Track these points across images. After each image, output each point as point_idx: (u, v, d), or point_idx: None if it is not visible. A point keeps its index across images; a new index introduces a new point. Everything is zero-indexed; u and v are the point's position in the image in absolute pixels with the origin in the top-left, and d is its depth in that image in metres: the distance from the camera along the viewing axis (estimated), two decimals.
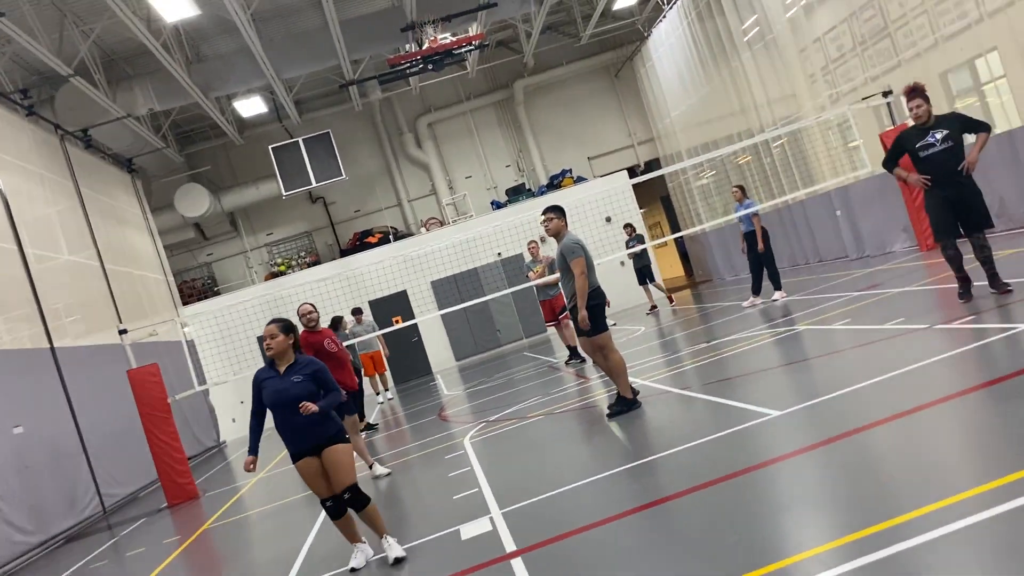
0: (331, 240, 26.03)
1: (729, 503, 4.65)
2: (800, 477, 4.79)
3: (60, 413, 13.29)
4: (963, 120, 8.02)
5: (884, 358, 6.96)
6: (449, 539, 5.67)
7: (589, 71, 26.97)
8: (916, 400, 5.44)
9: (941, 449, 4.50)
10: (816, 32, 16.70)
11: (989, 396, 5.14)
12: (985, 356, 6.09)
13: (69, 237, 16.24)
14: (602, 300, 8.02)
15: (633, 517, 4.96)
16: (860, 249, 16.49)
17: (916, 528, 3.50)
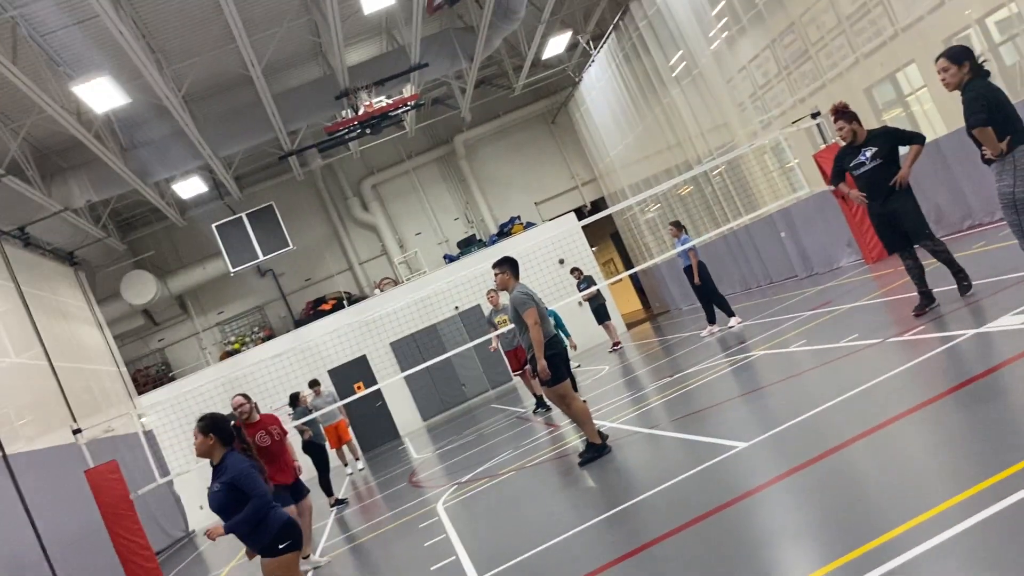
0: (284, 312, 25.74)
1: (712, 541, 4.60)
2: (777, 507, 4.76)
3: (18, 524, 12.76)
4: (895, 134, 8.08)
5: (843, 376, 7.01)
6: None
7: (526, 119, 27.34)
8: (880, 415, 5.47)
9: (913, 461, 4.52)
10: (740, 61, 17.17)
11: (950, 403, 5.19)
12: (939, 364, 6.17)
13: (14, 338, 15.81)
14: (559, 349, 8.03)
15: (618, 567, 4.88)
16: (808, 267, 16.78)
17: (902, 544, 3.48)
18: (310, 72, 20.47)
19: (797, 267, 17.16)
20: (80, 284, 21.12)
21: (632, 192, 24.11)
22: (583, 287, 18.76)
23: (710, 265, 21.33)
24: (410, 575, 7.12)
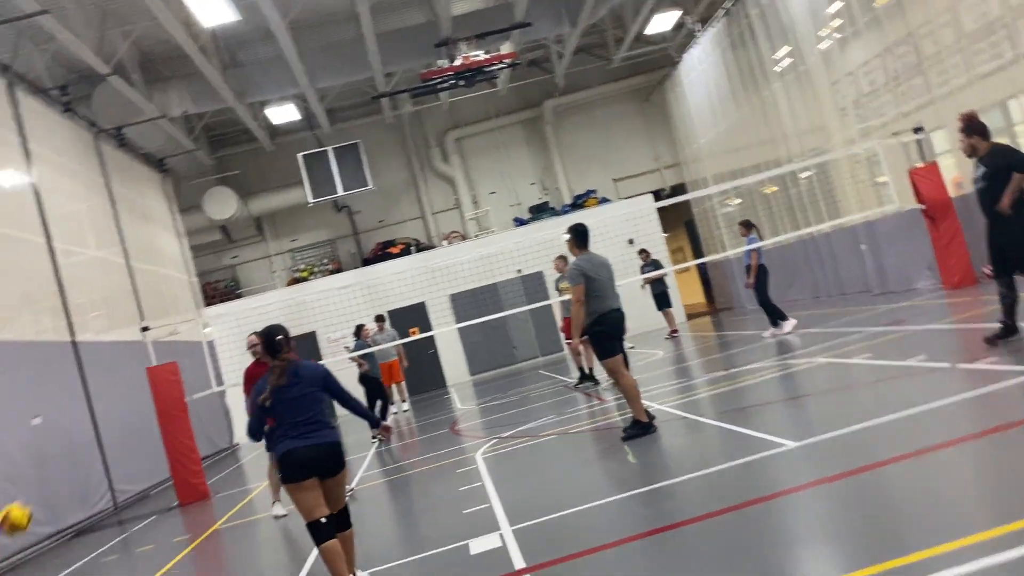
0: (354, 249, 26.19)
1: (741, 533, 4.63)
2: (813, 510, 4.76)
3: (78, 407, 13.42)
4: (1008, 156, 7.61)
5: (903, 395, 6.90)
6: (458, 553, 5.67)
7: (619, 94, 27.05)
8: (933, 439, 5.39)
9: (956, 490, 4.46)
10: (849, 66, 16.67)
11: (1005, 440, 5.08)
12: (1005, 399, 6.02)
13: (97, 233, 16.46)
14: (606, 326, 8.02)
15: (644, 541, 4.94)
16: (883, 284, 16.37)
17: (927, 568, 3.47)
18: (414, 16, 20.57)
19: (872, 282, 16.75)
20: (165, 191, 21.79)
21: (715, 182, 23.71)
22: (648, 270, 18.64)
23: (783, 268, 21.07)
24: (443, 514, 7.29)
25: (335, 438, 5.32)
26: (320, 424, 5.29)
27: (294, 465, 5.20)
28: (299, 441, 5.21)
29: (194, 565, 8.00)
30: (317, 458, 5.20)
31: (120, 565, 8.93)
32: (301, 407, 5.27)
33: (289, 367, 5.33)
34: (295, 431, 5.23)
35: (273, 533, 8.63)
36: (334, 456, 5.27)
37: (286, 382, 5.27)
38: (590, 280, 7.99)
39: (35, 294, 13.20)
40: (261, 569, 7.14)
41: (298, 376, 5.32)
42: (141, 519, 11.93)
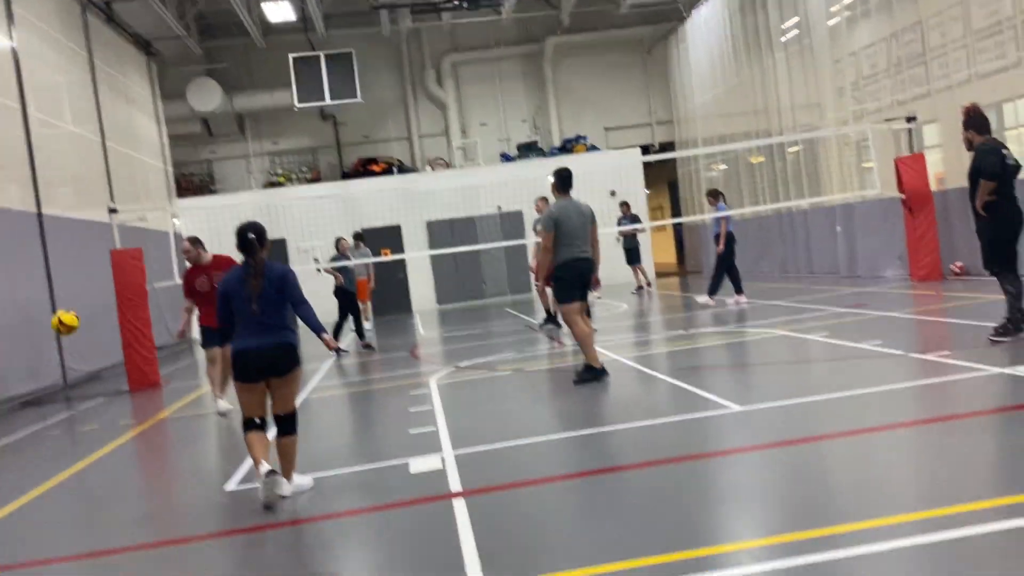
0: (335, 161, 25.86)
1: (677, 484, 4.74)
2: (745, 472, 4.88)
3: (37, 279, 13.27)
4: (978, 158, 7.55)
5: (852, 375, 7.05)
6: (398, 470, 5.76)
7: (622, 42, 26.68)
8: (872, 421, 5.54)
9: (885, 472, 4.59)
10: (854, 45, 16.57)
11: (941, 430, 5.23)
12: (948, 392, 6.18)
13: (75, 108, 16.06)
14: (569, 273, 8.09)
15: (581, 480, 5.06)
16: (852, 268, 16.58)
17: (850, 540, 3.59)
18: None
19: (842, 265, 16.95)
20: (150, 75, 21.27)
21: (704, 145, 23.68)
22: (625, 223, 18.65)
23: (756, 239, 21.21)
24: (389, 432, 7.38)
25: (287, 339, 5.32)
26: (276, 326, 5.31)
27: (244, 365, 5.28)
28: (251, 340, 5.26)
29: (136, 449, 8.05)
30: (266, 358, 5.24)
31: (62, 440, 8.96)
32: (260, 307, 5.29)
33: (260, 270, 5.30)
34: (250, 330, 5.28)
35: (218, 429, 8.68)
36: (283, 356, 5.28)
37: (258, 284, 5.25)
38: (559, 226, 8.05)
39: (4, 161, 12.91)
40: (201, 461, 7.20)
41: (263, 277, 5.32)
42: (89, 399, 11.93)
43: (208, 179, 25.35)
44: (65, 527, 5.54)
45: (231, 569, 4.31)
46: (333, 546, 4.45)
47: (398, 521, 4.70)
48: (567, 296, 8.16)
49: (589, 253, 8.24)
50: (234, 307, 5.34)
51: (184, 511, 5.58)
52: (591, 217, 8.34)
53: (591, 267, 8.31)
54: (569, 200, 8.30)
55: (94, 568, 4.60)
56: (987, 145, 7.52)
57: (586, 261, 8.19)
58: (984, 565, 3.25)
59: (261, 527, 4.94)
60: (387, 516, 4.84)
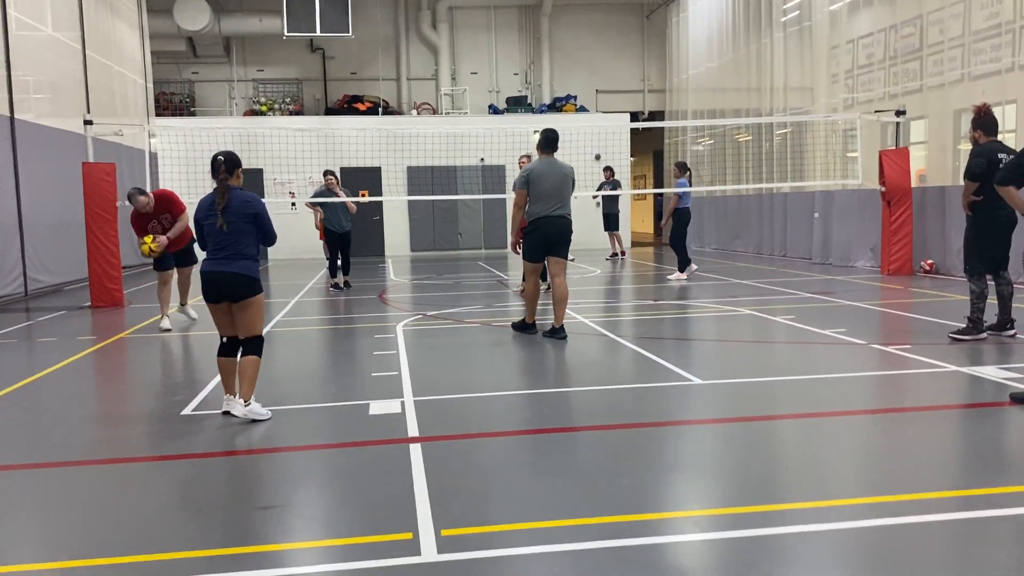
0: (320, 95, 25.44)
1: (629, 449, 4.79)
2: (698, 444, 4.94)
3: (5, 184, 12.99)
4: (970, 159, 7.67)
5: (814, 360, 7.15)
6: (357, 411, 5.76)
7: (622, 4, 26.38)
8: (830, 406, 5.62)
9: (837, 455, 4.67)
10: (852, 33, 16.52)
11: (893, 421, 5.33)
12: (905, 385, 6.28)
13: (56, 13, 15.60)
14: (536, 231, 8.36)
15: (536, 437, 5.09)
16: (825, 255, 16.73)
17: (791, 518, 3.67)
18: None
19: (815, 251, 17.09)
20: None
21: (694, 117, 23.61)
22: (607, 187, 18.61)
23: (734, 218, 21.29)
24: (352, 373, 7.36)
25: (241, 269, 5.54)
26: (237, 254, 5.56)
27: (205, 285, 5.60)
28: (212, 264, 5.59)
29: (93, 365, 7.97)
30: (222, 283, 5.54)
31: (19, 349, 8.84)
32: (223, 234, 5.56)
33: (226, 191, 5.57)
34: (214, 255, 5.60)
35: (180, 352, 8.62)
36: (236, 284, 5.53)
37: (223, 203, 5.55)
38: (532, 184, 8.27)
39: None
40: (159, 382, 7.15)
41: (229, 203, 5.56)
42: (49, 311, 11.77)
43: (188, 100, 24.82)
44: (14, 437, 5.49)
45: (179, 492, 4.30)
46: (285, 478, 4.45)
47: (353, 460, 4.71)
48: (530, 254, 8.53)
49: (564, 212, 8.37)
50: (205, 231, 5.65)
51: (137, 431, 5.54)
52: (571, 178, 8.44)
53: (565, 226, 8.41)
54: (551, 160, 8.40)
55: (39, 478, 4.57)
56: (981, 147, 7.55)
57: (559, 219, 8.34)
58: (921, 553, 3.33)
59: (214, 454, 4.93)
60: (343, 454, 4.84)
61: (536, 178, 8.24)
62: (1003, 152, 7.46)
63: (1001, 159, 7.39)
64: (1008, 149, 7.54)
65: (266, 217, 5.66)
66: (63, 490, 4.38)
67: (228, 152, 5.65)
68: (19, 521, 3.99)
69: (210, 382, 6.76)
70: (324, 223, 13.75)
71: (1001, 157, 7.40)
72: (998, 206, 7.34)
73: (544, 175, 8.25)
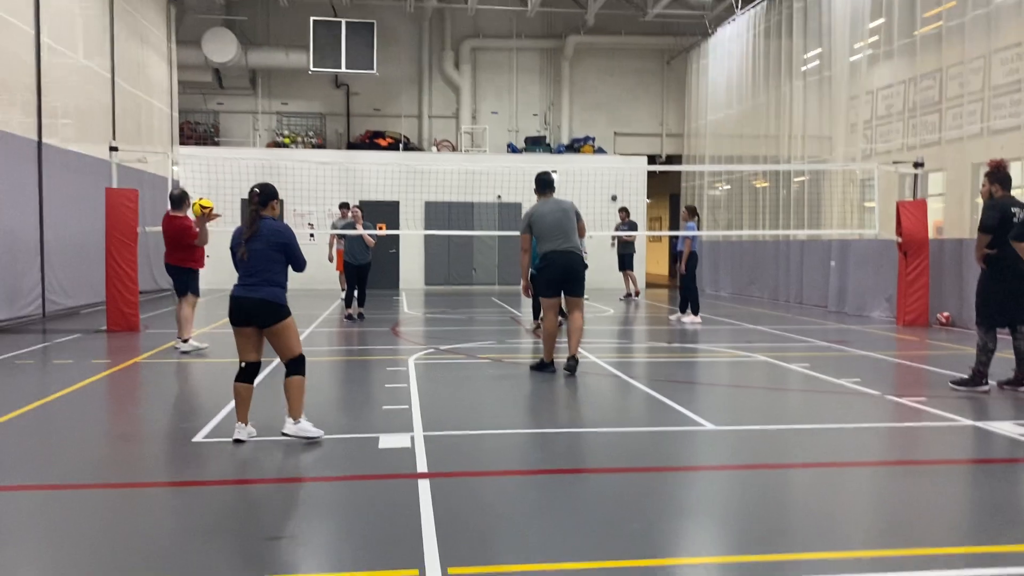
0: (342, 129, 25.75)
1: (640, 493, 4.76)
2: (709, 490, 4.90)
3: (28, 207, 13.18)
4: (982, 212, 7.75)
5: (828, 409, 7.09)
6: (366, 443, 5.75)
7: (643, 49, 26.67)
8: (843, 456, 5.57)
9: (849, 506, 4.62)
10: (872, 84, 16.62)
11: (909, 473, 5.27)
12: (918, 438, 6.22)
13: (89, 41, 15.93)
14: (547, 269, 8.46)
15: (546, 477, 5.07)
16: (840, 304, 16.65)
17: (800, 568, 3.62)
18: None
19: (831, 300, 17.03)
20: (168, 18, 21.11)
21: (711, 162, 23.74)
22: (624, 228, 18.71)
23: (750, 263, 21.27)
24: (362, 405, 7.36)
25: (267, 296, 5.67)
26: (264, 281, 5.69)
27: (232, 310, 5.74)
28: (241, 290, 5.72)
29: (106, 387, 8.01)
30: (248, 309, 5.67)
31: (34, 370, 8.90)
32: (252, 260, 5.68)
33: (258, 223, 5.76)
34: (242, 280, 5.74)
35: (193, 379, 8.65)
36: (263, 311, 5.67)
37: (249, 233, 5.73)
38: (533, 226, 8.50)
39: (11, 83, 12.80)
40: (171, 408, 7.17)
41: (260, 232, 5.73)
42: (66, 334, 11.86)
43: (212, 130, 25.18)
44: (26, 457, 5.51)
45: (187, 519, 4.29)
46: (293, 509, 4.44)
47: (362, 493, 4.70)
48: (544, 291, 8.63)
49: (571, 246, 8.47)
50: (236, 257, 5.81)
51: (148, 456, 5.55)
52: (573, 211, 8.59)
53: (574, 259, 8.50)
54: (547, 200, 8.64)
55: (48, 499, 4.58)
56: (995, 200, 7.59)
57: (566, 254, 8.44)
58: None
59: (223, 481, 4.93)
60: (352, 486, 4.83)
61: (537, 219, 8.47)
62: (1016, 207, 7.49)
63: (1015, 213, 7.41)
64: (1021, 204, 7.56)
65: (295, 246, 5.82)
66: (72, 513, 4.38)
67: (264, 184, 5.84)
68: (27, 542, 3.99)
69: (222, 410, 6.77)
70: (344, 255, 13.92)
71: (1015, 211, 7.43)
72: (1013, 259, 7.34)
73: (543, 214, 8.46)
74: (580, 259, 8.54)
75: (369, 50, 22.24)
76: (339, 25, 22.14)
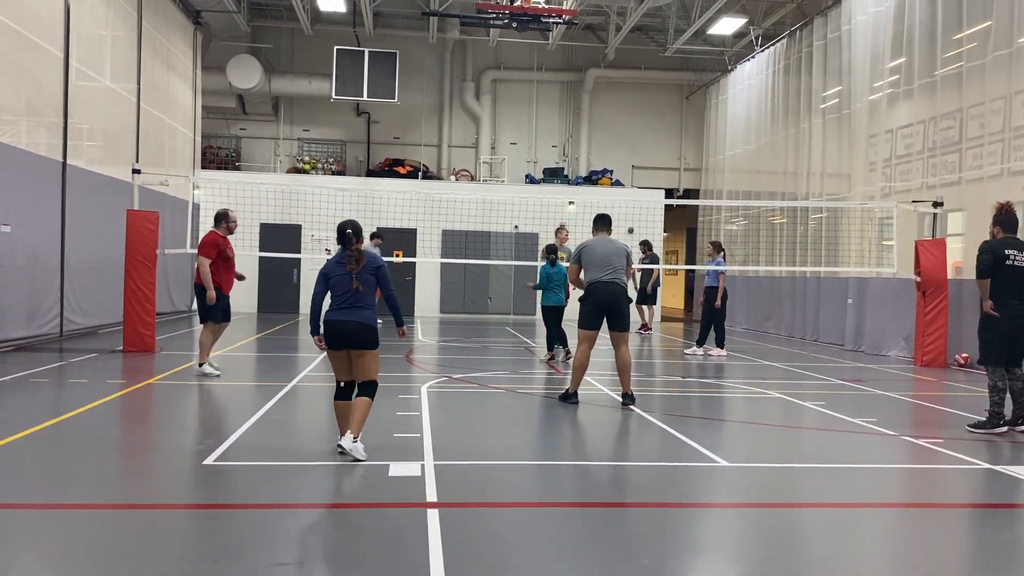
0: (362, 157, 25.98)
1: (652, 528, 4.71)
2: (725, 528, 4.84)
3: (50, 227, 13.34)
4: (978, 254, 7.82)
5: (843, 448, 7.00)
6: (377, 471, 5.73)
7: (663, 84, 26.83)
8: (858, 496, 5.50)
9: (862, 548, 4.55)
10: (892, 123, 16.61)
11: (925, 516, 5.19)
12: (933, 479, 6.13)
13: (116, 65, 16.20)
14: (590, 299, 8.73)
15: (556, 510, 5.02)
16: (857, 342, 16.52)
17: None
18: None
19: (848, 338, 16.90)
20: (194, 44, 21.45)
21: (729, 197, 23.75)
22: (646, 261, 18.74)
23: (767, 299, 21.18)
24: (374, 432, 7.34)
25: (364, 319, 6.03)
26: (362, 304, 6.04)
27: (330, 333, 6.05)
28: (339, 313, 6.03)
29: (120, 408, 8.03)
30: (345, 331, 5.98)
31: (49, 389, 8.95)
32: (350, 287, 6.04)
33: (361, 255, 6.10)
34: (339, 304, 6.07)
35: (206, 401, 8.67)
36: (359, 333, 6.00)
37: (358, 268, 6.05)
38: (582, 256, 8.84)
39: (38, 106, 13.02)
40: (184, 430, 7.18)
41: (361, 263, 6.09)
42: (82, 353, 11.93)
43: (234, 155, 25.47)
44: (37, 476, 5.52)
45: (195, 542, 4.28)
46: (302, 535, 4.42)
47: (370, 521, 4.67)
48: (585, 321, 8.77)
49: (616, 278, 8.72)
50: (332, 284, 6.10)
51: (158, 478, 5.55)
52: (625, 252, 8.90)
53: (618, 291, 8.72)
54: (604, 237, 8.98)
55: (58, 519, 4.58)
56: (987, 243, 7.68)
57: (610, 284, 8.68)
58: None
59: (233, 505, 4.92)
60: (360, 514, 4.81)
61: (587, 250, 8.82)
62: (1013, 248, 7.56)
63: (1008, 255, 7.47)
64: (1020, 245, 7.62)
65: (387, 271, 6.19)
66: (81, 533, 4.38)
67: (352, 222, 6.17)
68: (37, 561, 3.99)
69: (234, 433, 6.77)
70: None
71: (1008, 253, 7.50)
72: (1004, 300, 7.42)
73: (595, 246, 8.82)
74: (624, 291, 8.76)
75: (391, 79, 22.49)
76: (362, 54, 22.43)
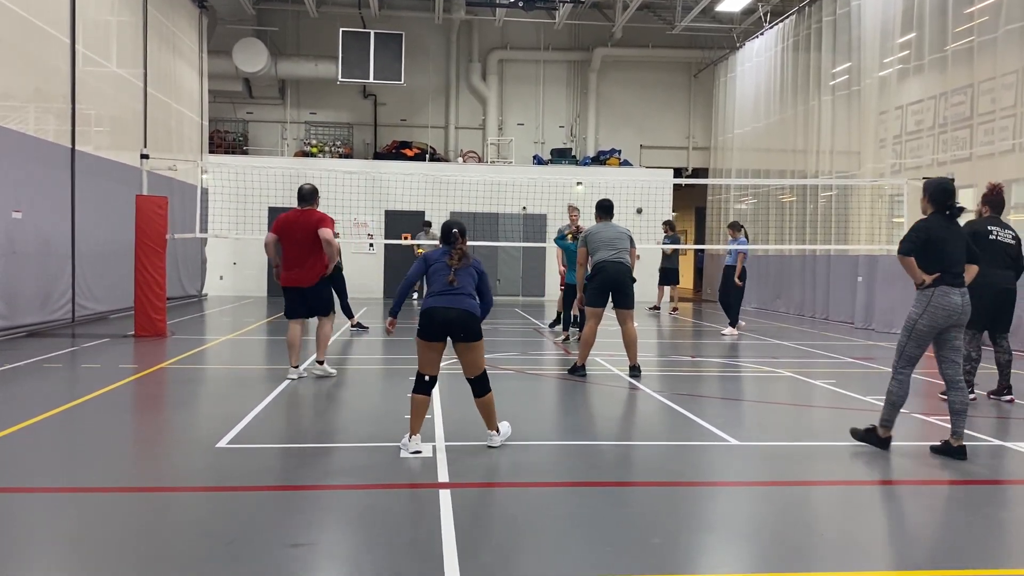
0: (369, 139, 25.95)
1: (663, 507, 4.73)
2: (736, 506, 4.86)
3: (60, 214, 13.39)
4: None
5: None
6: (387, 452, 5.76)
7: (670, 62, 26.65)
8: (868, 474, 5.50)
9: (872, 525, 4.56)
10: (902, 99, 16.47)
11: (936, 493, 5.19)
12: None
13: (122, 51, 16.19)
14: (597, 279, 9.19)
15: (567, 489, 5.05)
16: (867, 320, 16.48)
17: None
18: None
19: (858, 315, 16.86)
20: (199, 28, 21.40)
21: (738, 176, 23.64)
22: (667, 241, 18.81)
23: (776, 277, 21.12)
24: (384, 414, 7.38)
25: (469, 307, 5.78)
26: (464, 293, 5.83)
27: (429, 322, 5.76)
28: (439, 301, 5.77)
29: (134, 392, 8.09)
30: (447, 321, 5.70)
31: (62, 374, 9.02)
32: (458, 280, 5.85)
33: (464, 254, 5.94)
34: (440, 291, 5.80)
35: (216, 385, 8.72)
36: (466, 322, 5.74)
37: (459, 264, 5.86)
38: (588, 242, 9.38)
39: (46, 92, 13.03)
40: (195, 414, 7.23)
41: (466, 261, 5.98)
42: (94, 338, 12.01)
43: (242, 139, 25.47)
44: (51, 460, 5.57)
45: (209, 524, 4.32)
46: (315, 517, 4.46)
47: (383, 502, 4.71)
48: (592, 298, 9.30)
49: (621, 258, 9.22)
50: (431, 271, 5.91)
51: (171, 461, 5.60)
52: (628, 236, 9.42)
53: (622, 270, 9.18)
54: (607, 223, 9.47)
55: (72, 502, 4.63)
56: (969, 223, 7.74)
57: (616, 263, 9.17)
58: None
59: (246, 488, 4.96)
60: (373, 495, 4.84)
61: (593, 235, 9.37)
62: (995, 226, 7.72)
63: (992, 231, 7.67)
64: (1003, 224, 7.75)
65: (487, 276, 6.09)
66: (95, 516, 4.43)
67: (458, 222, 6.08)
68: (51, 545, 4.03)
69: (246, 416, 6.82)
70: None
71: (992, 229, 7.68)
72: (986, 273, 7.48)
73: (600, 231, 9.37)
74: (628, 270, 9.25)
75: (397, 61, 22.41)
76: (367, 36, 22.34)
